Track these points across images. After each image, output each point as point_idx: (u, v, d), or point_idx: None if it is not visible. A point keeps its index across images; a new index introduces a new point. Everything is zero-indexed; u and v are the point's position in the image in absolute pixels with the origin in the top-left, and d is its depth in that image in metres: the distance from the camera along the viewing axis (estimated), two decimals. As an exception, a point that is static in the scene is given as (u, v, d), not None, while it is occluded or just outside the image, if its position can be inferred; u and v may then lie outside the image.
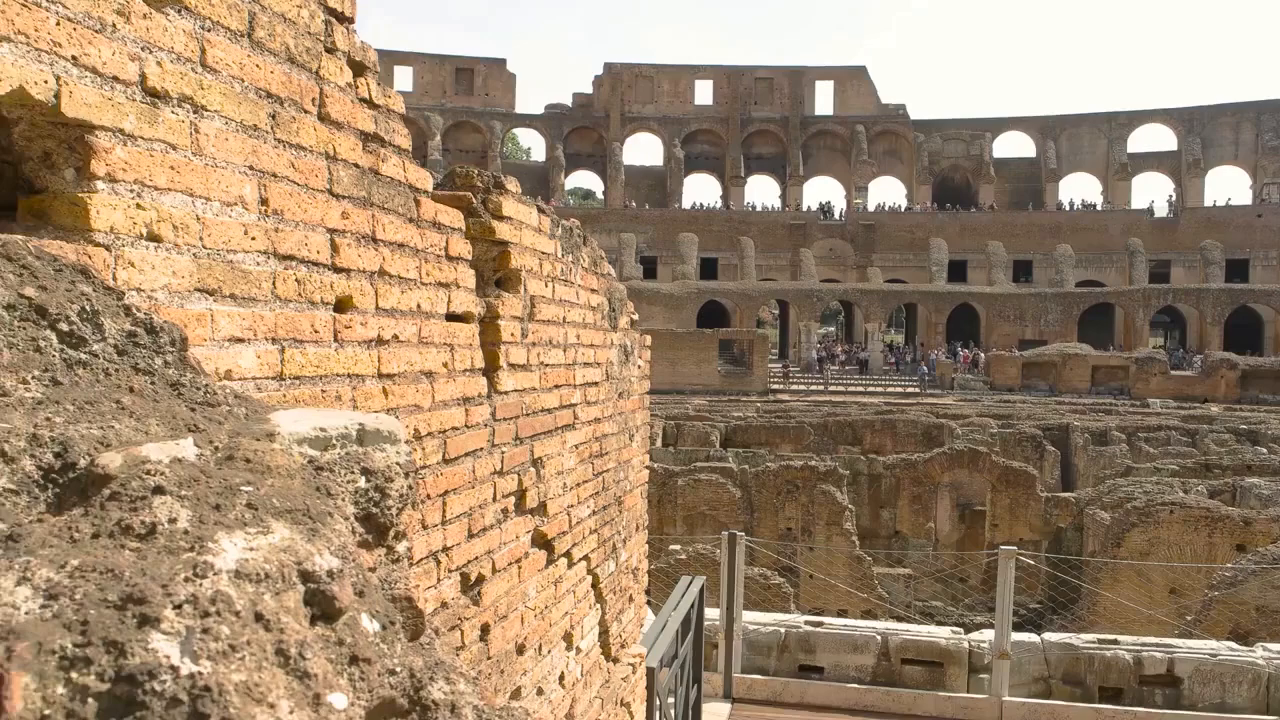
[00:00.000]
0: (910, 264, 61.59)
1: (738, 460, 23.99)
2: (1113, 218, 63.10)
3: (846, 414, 32.90)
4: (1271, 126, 65.58)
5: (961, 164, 71.15)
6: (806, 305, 52.33)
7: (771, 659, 7.71)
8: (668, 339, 45.19)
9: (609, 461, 3.72)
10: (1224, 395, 40.05)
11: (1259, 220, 59.20)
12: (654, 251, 64.23)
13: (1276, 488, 19.33)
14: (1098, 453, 28.06)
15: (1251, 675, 6.96)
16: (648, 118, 75.12)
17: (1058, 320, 49.80)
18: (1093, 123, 70.32)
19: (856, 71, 74.67)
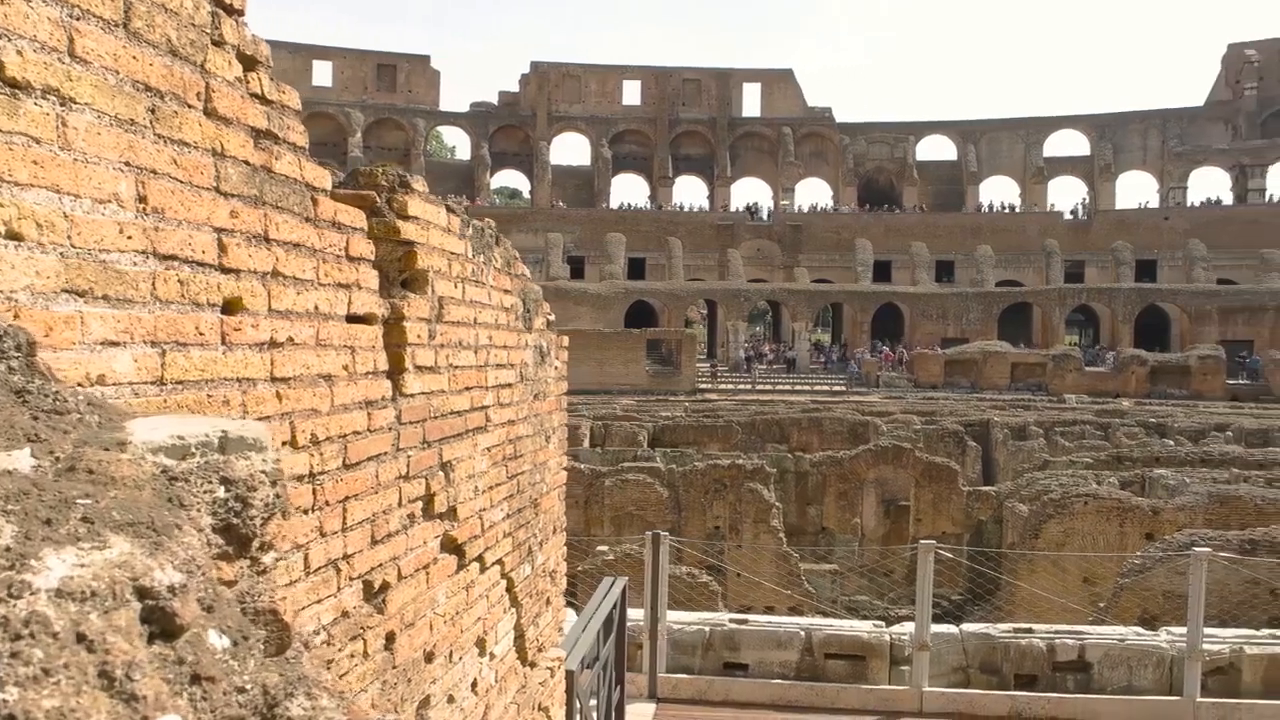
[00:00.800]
0: (836, 264, 62.60)
1: (666, 460, 24.07)
2: (1030, 219, 65.03)
3: (774, 413, 33.27)
4: (1176, 133, 68.35)
5: (886, 166, 72.57)
6: (734, 305, 52.79)
7: (697, 658, 7.74)
8: (595, 339, 45.13)
9: (524, 464, 3.69)
10: (1134, 390, 41.57)
11: (1166, 222, 61.62)
12: (581, 251, 64.13)
13: (1182, 478, 20.11)
14: (1017, 447, 28.87)
15: (1156, 658, 7.22)
16: (575, 117, 74.96)
17: (978, 319, 51.12)
18: (1011, 128, 72.38)
19: (783, 74, 75.60)
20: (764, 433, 31.11)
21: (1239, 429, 29.95)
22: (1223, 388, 41.32)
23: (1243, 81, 66.67)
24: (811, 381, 46.75)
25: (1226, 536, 14.39)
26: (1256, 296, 49.81)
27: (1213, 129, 67.92)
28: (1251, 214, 60.89)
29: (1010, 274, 60.14)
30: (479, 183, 72.94)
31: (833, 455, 24.32)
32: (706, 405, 37.18)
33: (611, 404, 36.19)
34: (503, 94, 77.21)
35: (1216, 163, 66.98)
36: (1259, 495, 17.56)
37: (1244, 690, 7.13)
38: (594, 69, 76.36)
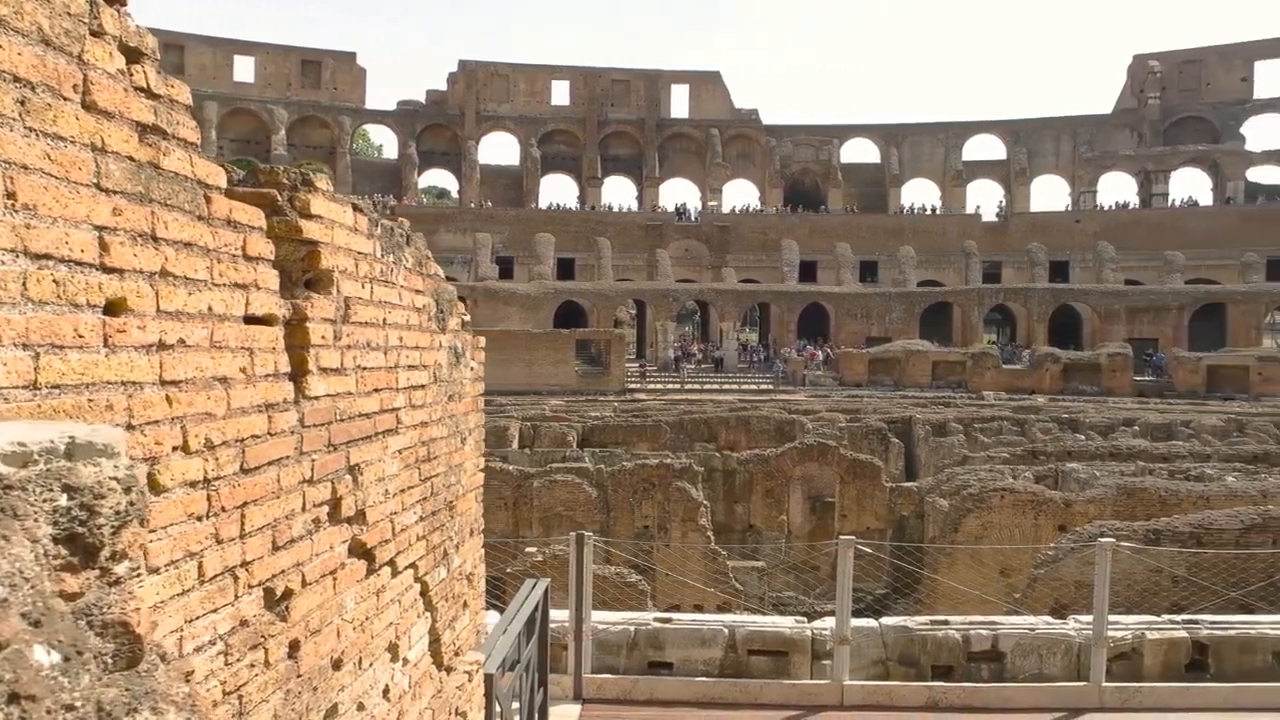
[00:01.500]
0: (763, 264, 63.32)
1: (595, 460, 24.05)
2: (950, 221, 66.70)
3: (702, 412, 33.49)
4: (1086, 139, 70.83)
5: (811, 168, 73.67)
6: (663, 305, 53.01)
7: (622, 657, 7.75)
8: (524, 340, 44.89)
9: (438, 466, 3.64)
10: (1049, 387, 42.90)
11: (1077, 225, 63.79)
12: (510, 251, 63.71)
13: (1093, 472, 20.82)
14: (938, 443, 29.54)
15: (1065, 646, 7.45)
16: (504, 117, 74.44)
17: (901, 318, 52.22)
18: (931, 132, 74.14)
19: (711, 76, 76.18)
20: (692, 432, 31.29)
21: (1145, 424, 31.13)
22: (1130, 384, 42.92)
23: (1147, 91, 69.38)
24: (739, 381, 47.19)
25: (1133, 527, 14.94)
26: (1161, 296, 51.87)
27: (1120, 135, 70.57)
28: (1156, 217, 63.43)
29: (931, 274, 61.58)
30: (406, 182, 71.96)
31: (760, 454, 24.59)
32: (636, 405, 37.25)
33: (541, 404, 36.03)
34: (430, 93, 76.27)
35: (1123, 168, 69.60)
36: (1163, 487, 18.27)
37: (1145, 674, 7.41)
38: (523, 69, 75.94)
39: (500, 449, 27.26)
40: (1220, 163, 66.33)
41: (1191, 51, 70.64)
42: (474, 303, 52.23)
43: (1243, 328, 50.10)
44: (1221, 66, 69.28)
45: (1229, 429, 30.63)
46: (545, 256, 58.66)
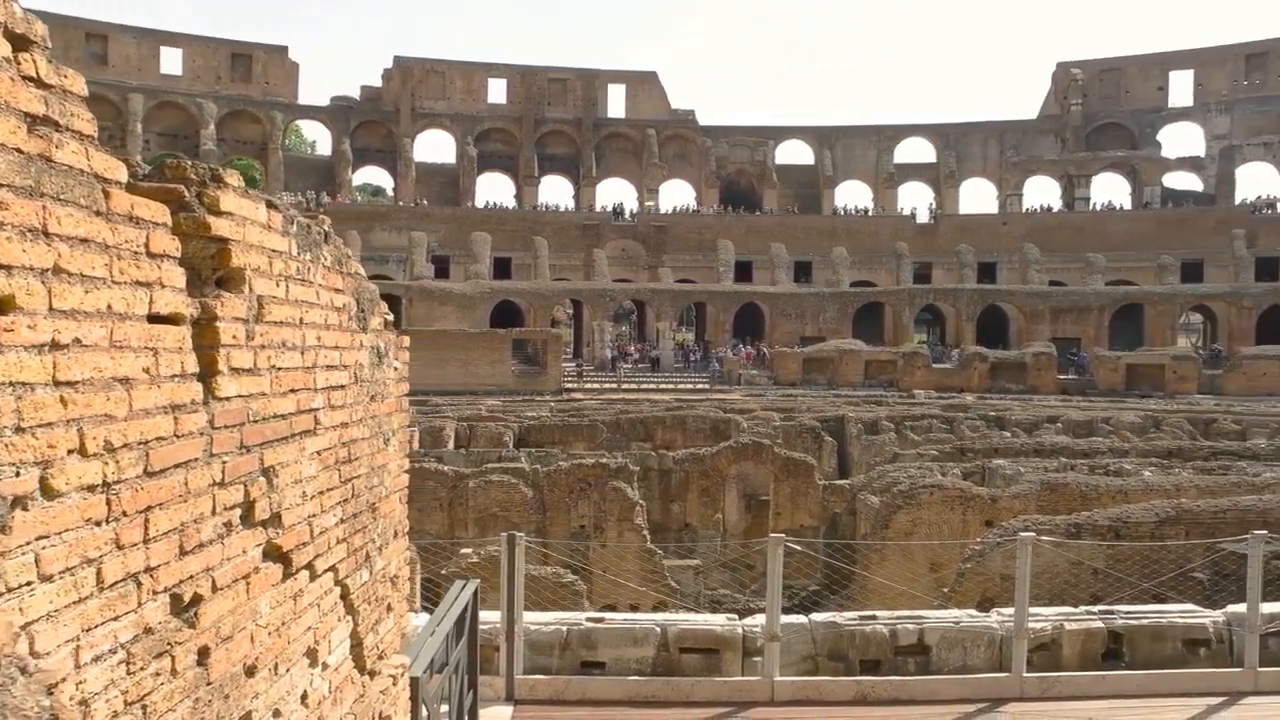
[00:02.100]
0: (699, 264, 63.68)
1: (531, 460, 23.93)
2: (882, 222, 67.86)
3: (639, 411, 33.55)
4: (1013, 144, 72.73)
5: (747, 169, 74.32)
6: (600, 305, 52.99)
7: (554, 658, 7.72)
8: (461, 339, 44.50)
9: (360, 467, 3.59)
10: (977, 386, 43.90)
11: (1004, 227, 65.43)
12: (446, 250, 63.08)
13: (1018, 468, 21.36)
14: (870, 441, 30.00)
15: (988, 638, 7.63)
16: (440, 114, 73.67)
17: (834, 318, 52.97)
18: (864, 135, 75.37)
19: (648, 76, 76.37)
20: (629, 431, 31.32)
21: (1068, 421, 32.04)
22: (1054, 382, 44.15)
23: (1070, 97, 71.50)
24: (675, 380, 47.39)
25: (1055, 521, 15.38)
26: (1083, 297, 53.49)
27: (1044, 141, 72.61)
28: (1078, 221, 65.39)
29: (864, 274, 62.58)
30: (340, 179, 70.74)
31: (695, 453, 24.71)
32: (572, 405, 37.16)
33: (477, 404, 35.75)
34: (365, 89, 75.10)
35: (1047, 172, 71.62)
36: (1084, 482, 18.83)
37: (1064, 663, 7.63)
38: (459, 66, 75.24)
39: (436, 449, 26.97)
40: (1138, 168, 68.64)
41: (1111, 60, 73.00)
42: (410, 302, 51.55)
43: (1159, 328, 51.91)
44: (1139, 75, 71.73)
45: (1146, 425, 31.69)
46: (482, 256, 58.20)
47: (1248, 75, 68.74)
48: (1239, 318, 51.04)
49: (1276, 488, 18.83)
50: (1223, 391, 42.05)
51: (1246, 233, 59.65)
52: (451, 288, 53.70)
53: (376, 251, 62.29)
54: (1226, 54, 69.68)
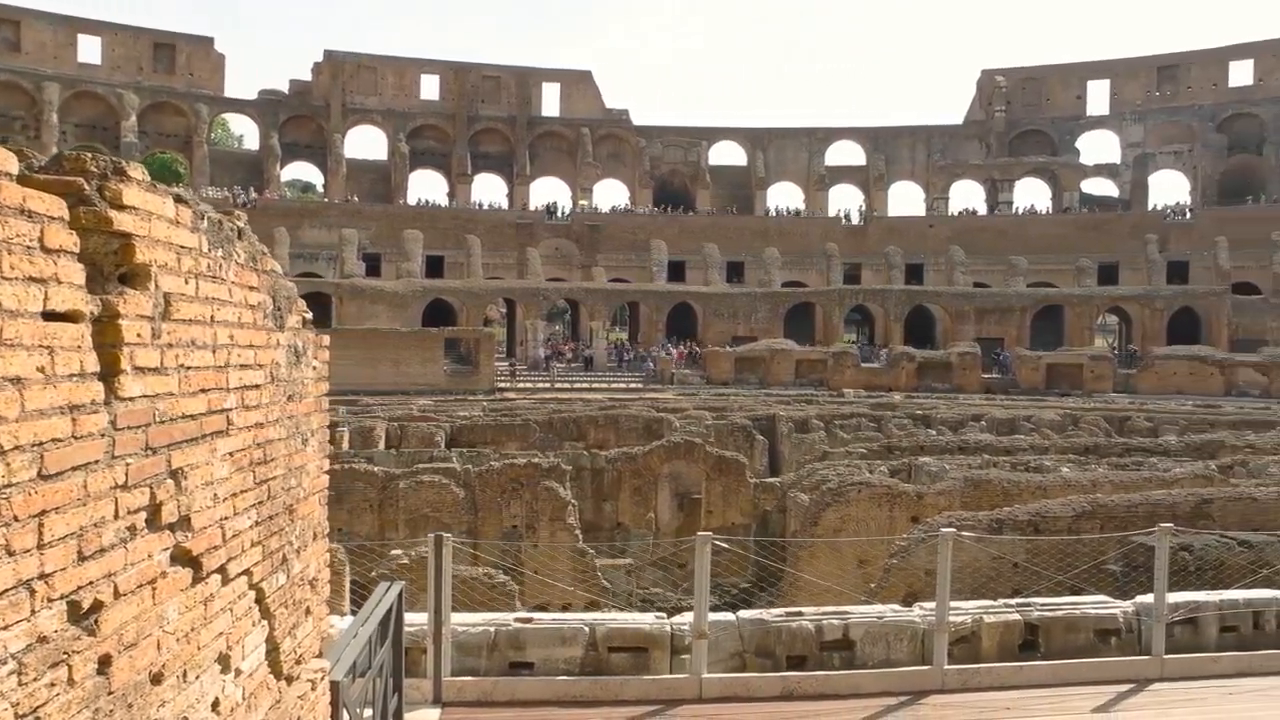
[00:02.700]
0: (633, 264, 63.80)
1: (462, 460, 23.74)
2: (813, 224, 68.83)
3: (572, 411, 33.49)
4: (940, 148, 74.41)
5: (680, 169, 74.69)
6: (533, 304, 52.75)
7: (482, 659, 7.67)
8: (392, 338, 43.91)
9: (276, 468, 3.51)
10: (904, 385, 44.78)
11: (930, 229, 66.89)
12: (378, 248, 62.17)
13: (943, 465, 21.85)
14: (800, 440, 30.39)
15: (910, 632, 7.80)
16: (371, 110, 72.54)
17: (766, 318, 53.54)
18: (795, 137, 76.33)
19: (583, 75, 76.25)
20: (562, 431, 31.25)
21: (991, 419, 32.88)
22: (979, 381, 45.27)
23: (994, 104, 73.43)
24: (609, 379, 47.42)
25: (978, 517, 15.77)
26: (1006, 299, 54.96)
27: (969, 146, 74.44)
28: (1001, 224, 67.18)
29: (795, 275, 63.38)
30: (269, 174, 69.14)
31: (628, 452, 24.76)
32: (505, 404, 36.96)
33: (409, 404, 35.35)
34: (294, 83, 73.54)
35: (973, 176, 73.44)
36: (1005, 479, 19.35)
37: (983, 655, 7.84)
38: (391, 61, 74.17)
39: (366, 450, 26.59)
40: (1058, 174, 70.79)
41: (1033, 69, 75.17)
42: (340, 300, 50.66)
43: (1078, 328, 53.61)
44: (1059, 84, 73.99)
45: (1065, 423, 32.69)
46: (414, 254, 57.45)
47: (1159, 86, 71.41)
48: (1151, 319, 52.99)
49: (1185, 482, 19.62)
50: (1136, 390, 43.60)
51: (1158, 237, 61.94)
52: (383, 286, 52.93)
53: (306, 249, 61.11)
54: (1140, 66, 72.28)
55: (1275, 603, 8.45)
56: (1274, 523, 15.93)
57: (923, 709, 7.26)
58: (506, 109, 74.10)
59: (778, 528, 22.16)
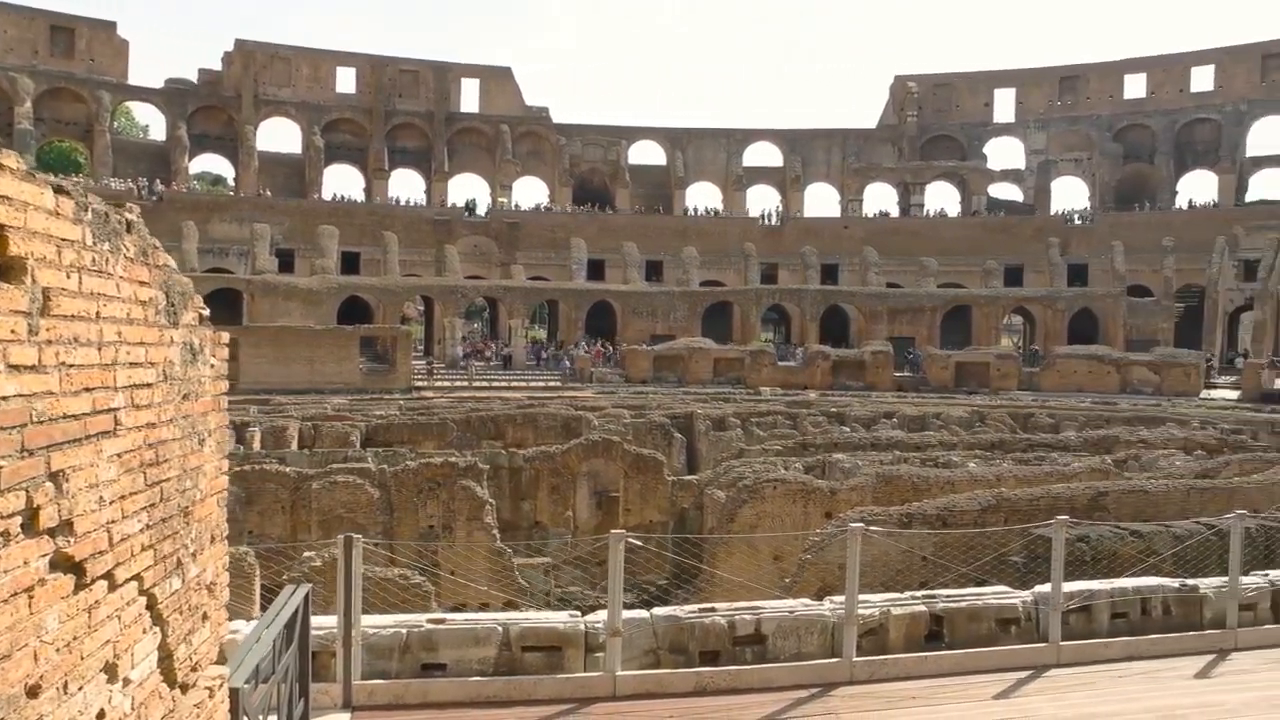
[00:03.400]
0: (552, 262, 63.59)
1: (378, 460, 23.36)
2: (731, 224, 69.58)
3: (490, 409, 33.24)
4: (854, 151, 75.98)
5: (600, 168, 74.70)
6: (451, 302, 52.14)
7: (394, 661, 7.55)
8: (306, 336, 42.93)
9: (169, 470, 3.40)
10: (820, 383, 45.60)
11: (845, 230, 68.27)
12: (291, 244, 60.69)
13: (856, 461, 22.32)
14: (717, 437, 30.69)
15: (821, 625, 7.94)
16: (285, 102, 70.69)
17: (684, 317, 53.93)
18: (714, 137, 77.04)
19: (502, 71, 75.65)
20: (479, 430, 31.01)
21: (903, 416, 33.72)
22: (891, 379, 46.36)
23: (906, 109, 75.32)
24: (528, 378, 47.18)
25: (889, 512, 16.15)
26: (917, 299, 56.43)
27: (883, 149, 76.19)
28: (913, 226, 68.97)
29: (713, 274, 64.00)
30: (176, 166, 66.78)
31: (546, 450, 24.68)
32: (422, 403, 36.51)
33: (323, 403, 34.65)
34: (203, 72, 71.18)
35: (886, 179, 75.22)
36: (915, 474, 19.87)
37: (890, 646, 8.04)
38: (305, 52, 72.41)
39: (278, 450, 25.98)
40: (967, 178, 72.97)
41: (943, 76, 77.33)
42: (252, 297, 49.26)
43: (985, 328, 55.35)
44: (968, 91, 76.27)
45: (972, 420, 33.71)
46: (329, 250, 56.20)
47: (1061, 96, 74.22)
48: (1053, 319, 55.03)
49: (1082, 476, 20.43)
50: (1039, 388, 45.21)
51: (1060, 241, 64.36)
52: (297, 282, 51.67)
53: (216, 244, 59.31)
54: (1043, 76, 75.00)
55: (1161, 590, 8.86)
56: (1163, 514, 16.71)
57: (832, 700, 7.41)
58: (425, 104, 73.05)
59: (695, 525, 22.35)
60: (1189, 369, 45.08)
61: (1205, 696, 7.61)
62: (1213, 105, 69.99)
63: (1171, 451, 24.80)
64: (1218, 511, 12.98)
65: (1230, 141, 68.96)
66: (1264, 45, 69.60)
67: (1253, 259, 56.85)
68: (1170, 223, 63.78)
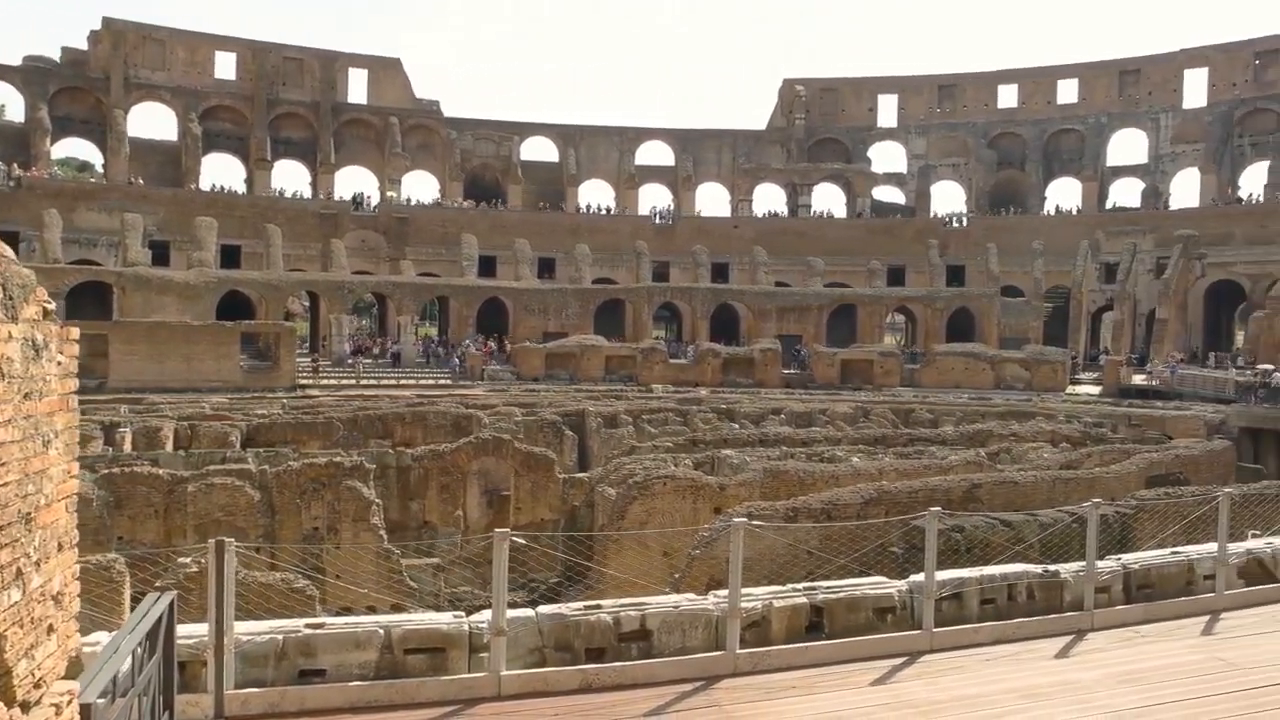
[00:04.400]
0: (443, 258, 62.65)
1: (259, 461, 22.63)
2: (623, 221, 69.82)
3: (377, 408, 32.57)
4: (745, 152, 77.25)
5: (492, 163, 73.92)
6: (338, 297, 50.77)
7: (270, 668, 7.30)
8: (182, 332, 41.23)
9: (8, 473, 3.20)
10: (710, 380, 46.23)
11: (735, 230, 69.38)
12: (166, 235, 58.08)
13: (744, 457, 22.71)
14: (609, 435, 30.78)
15: (705, 619, 8.05)
16: (158, 86, 67.48)
17: (577, 314, 53.87)
18: (607, 135, 77.16)
19: (391, 63, 74.02)
20: (367, 429, 30.38)
21: (790, 412, 34.49)
22: (779, 377, 47.36)
23: (794, 112, 77.03)
24: (418, 376, 46.38)
25: (775, 506, 16.51)
26: (805, 298, 57.79)
27: (772, 150, 77.72)
28: (801, 226, 70.59)
29: (605, 272, 64.15)
30: (37, 150, 62.89)
31: (435, 449, 24.32)
32: (307, 402, 35.56)
33: (201, 403, 33.38)
34: (67, 51, 67.28)
35: (775, 180, 76.77)
36: (801, 469, 20.36)
37: (773, 638, 8.20)
38: (181, 34, 69.28)
39: (151, 451, 24.93)
40: (852, 180, 75.11)
41: (829, 80, 79.39)
42: (123, 291, 46.87)
43: (869, 326, 57.08)
44: (853, 96, 78.50)
45: (857, 416, 34.74)
46: (207, 242, 53.93)
47: (940, 103, 77.18)
48: (933, 318, 57.15)
49: (959, 469, 21.30)
50: (920, 384, 46.89)
51: (939, 243, 66.93)
52: (173, 276, 49.43)
53: (82, 234, 56.25)
54: (923, 83, 77.82)
55: (1025, 576, 9.30)
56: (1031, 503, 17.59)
57: (716, 693, 7.51)
58: (310, 93, 70.88)
59: (586, 522, 22.37)
60: (1056, 366, 47.48)
61: (1064, 675, 8.03)
62: (1077, 116, 73.89)
63: (1040, 444, 26.10)
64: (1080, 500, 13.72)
65: (1092, 151, 72.93)
66: (1121, 62, 73.95)
67: (1113, 262, 60.27)
68: (1040, 227, 67.05)
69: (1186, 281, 55.31)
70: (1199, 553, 10.42)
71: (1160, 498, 15.50)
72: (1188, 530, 12.81)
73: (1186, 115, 70.55)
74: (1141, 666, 8.21)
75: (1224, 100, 68.87)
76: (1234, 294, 60.45)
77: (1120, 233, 61.40)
